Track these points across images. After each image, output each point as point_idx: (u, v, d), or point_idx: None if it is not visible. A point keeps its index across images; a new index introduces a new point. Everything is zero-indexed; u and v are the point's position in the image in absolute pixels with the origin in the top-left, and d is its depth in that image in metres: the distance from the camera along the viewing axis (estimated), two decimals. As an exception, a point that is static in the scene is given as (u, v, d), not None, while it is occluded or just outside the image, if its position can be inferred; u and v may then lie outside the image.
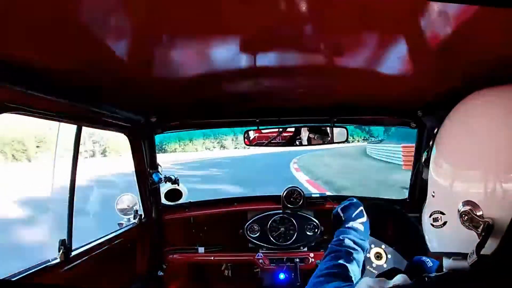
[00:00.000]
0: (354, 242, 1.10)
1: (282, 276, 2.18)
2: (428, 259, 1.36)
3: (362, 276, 1.26)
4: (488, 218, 0.60)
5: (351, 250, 1.05)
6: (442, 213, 0.70)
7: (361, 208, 1.29)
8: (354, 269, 0.99)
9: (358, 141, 35.07)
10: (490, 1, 0.52)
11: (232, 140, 39.73)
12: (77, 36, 0.83)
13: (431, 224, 0.73)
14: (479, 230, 0.60)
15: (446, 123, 0.75)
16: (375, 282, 0.74)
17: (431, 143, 0.79)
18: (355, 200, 1.34)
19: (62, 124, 1.44)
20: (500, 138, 0.62)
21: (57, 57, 0.97)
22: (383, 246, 1.64)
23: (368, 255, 1.58)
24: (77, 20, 0.75)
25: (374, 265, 1.57)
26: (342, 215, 1.25)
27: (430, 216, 0.74)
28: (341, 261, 0.98)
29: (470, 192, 0.63)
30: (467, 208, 0.62)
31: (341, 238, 1.11)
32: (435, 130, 0.78)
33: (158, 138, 2.16)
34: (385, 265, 1.59)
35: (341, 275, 0.93)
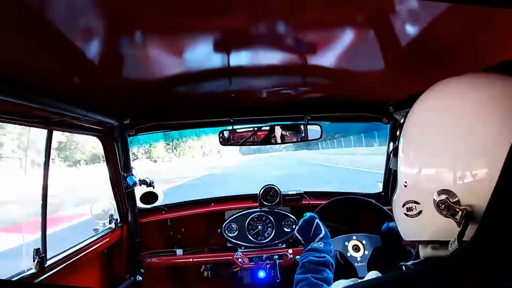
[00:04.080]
0: (316, 263, 1.16)
1: (262, 274, 2.19)
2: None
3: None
4: (466, 205, 0.59)
5: (315, 274, 1.12)
6: (416, 202, 0.70)
7: (316, 221, 1.35)
8: None
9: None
10: (490, 1, 0.52)
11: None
12: (45, 37, 0.81)
13: (405, 214, 0.73)
14: (458, 218, 0.59)
15: (412, 112, 0.75)
16: (348, 283, 0.76)
17: (398, 133, 0.79)
18: (308, 215, 1.40)
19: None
20: (462, 124, 0.62)
21: (24, 60, 0.93)
22: (354, 237, 1.70)
23: (348, 253, 1.63)
24: (44, 20, 0.73)
25: (358, 258, 1.63)
26: (300, 238, 1.35)
27: (403, 206, 0.73)
28: None
29: (444, 180, 0.63)
30: (443, 197, 0.61)
31: (303, 265, 1.17)
32: (402, 120, 0.79)
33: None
34: (366, 252, 1.66)
35: None
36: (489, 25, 0.75)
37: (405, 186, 0.73)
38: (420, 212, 0.69)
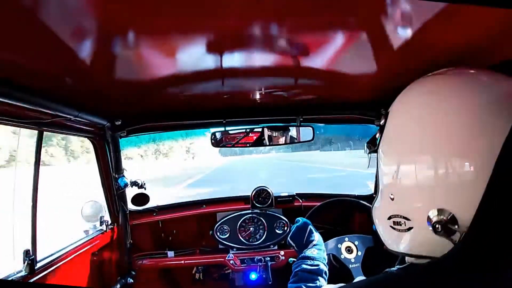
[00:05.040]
0: (309, 272, 1.16)
1: (253, 275, 2.19)
2: None
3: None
4: (466, 227, 0.53)
5: (308, 283, 1.11)
6: (406, 218, 0.64)
7: (310, 227, 1.35)
8: None
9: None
10: (490, 2, 0.51)
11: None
12: (35, 37, 0.80)
13: (391, 227, 0.68)
14: (454, 238, 0.55)
15: (393, 113, 0.70)
16: None
17: (377, 135, 0.74)
18: (300, 221, 1.40)
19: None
20: (458, 134, 0.56)
21: (15, 60, 0.92)
22: (346, 239, 1.72)
23: (342, 256, 1.65)
24: (37, 20, 0.72)
25: (352, 260, 1.65)
26: (293, 245, 1.34)
27: (389, 219, 0.68)
28: None
29: (441, 199, 0.57)
30: (441, 217, 0.56)
31: (297, 273, 1.17)
32: (382, 122, 0.73)
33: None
34: (359, 253, 1.67)
35: None
36: (486, 27, 0.75)
37: (392, 199, 0.67)
38: (410, 229, 0.63)
